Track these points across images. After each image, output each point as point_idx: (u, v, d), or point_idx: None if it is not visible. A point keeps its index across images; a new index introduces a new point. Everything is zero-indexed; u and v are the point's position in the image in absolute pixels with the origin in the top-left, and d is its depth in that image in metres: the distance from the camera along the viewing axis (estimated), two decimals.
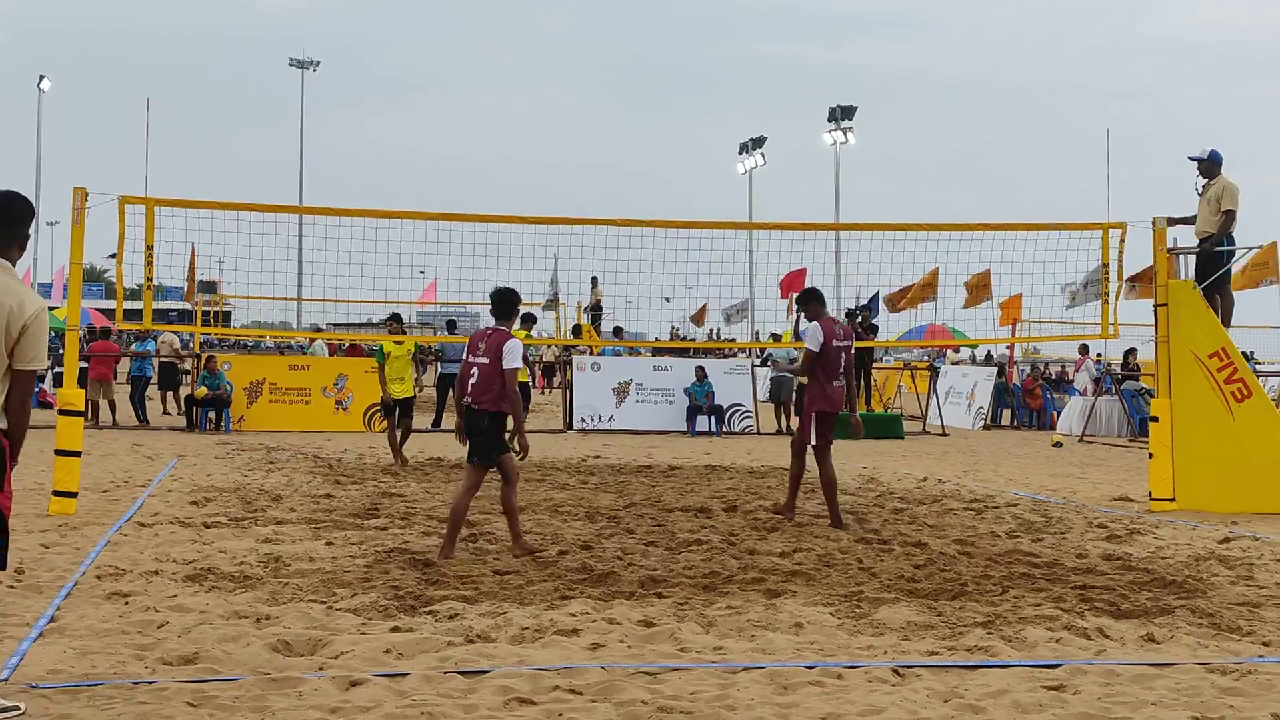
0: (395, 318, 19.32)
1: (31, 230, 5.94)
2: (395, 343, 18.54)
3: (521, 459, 10.57)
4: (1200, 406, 14.10)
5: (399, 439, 18.45)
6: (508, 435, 10.40)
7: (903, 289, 29.19)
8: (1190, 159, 15.04)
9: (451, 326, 31.20)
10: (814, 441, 12.55)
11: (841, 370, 12.47)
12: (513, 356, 10.18)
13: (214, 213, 15.59)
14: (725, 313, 37.39)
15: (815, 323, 12.53)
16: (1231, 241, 14.91)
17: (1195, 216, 14.97)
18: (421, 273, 19.88)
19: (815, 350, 12.37)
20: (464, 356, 10.56)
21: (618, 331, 34.71)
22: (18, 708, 5.41)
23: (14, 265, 5.82)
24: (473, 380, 10.25)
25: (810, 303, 12.77)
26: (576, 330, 31.28)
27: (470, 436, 10.38)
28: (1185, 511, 13.76)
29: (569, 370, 28.36)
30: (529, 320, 23.52)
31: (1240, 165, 15.59)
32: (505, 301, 10.62)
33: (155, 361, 29.92)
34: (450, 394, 27.96)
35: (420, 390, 27.22)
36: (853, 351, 12.63)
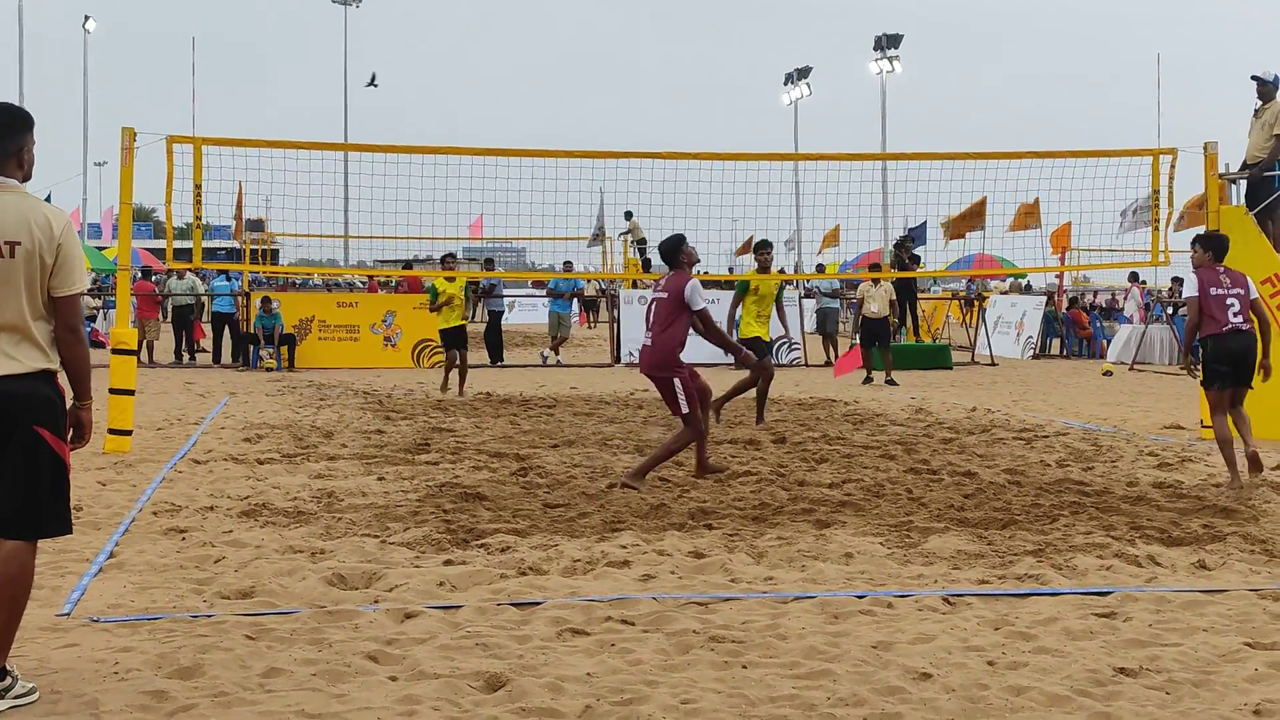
0: (449, 257, 20.72)
1: (32, 142, 5.16)
2: (447, 279, 19.36)
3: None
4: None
5: (450, 372, 19.25)
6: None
7: (958, 216, 28.59)
8: (1253, 78, 14.80)
9: (490, 264, 31.26)
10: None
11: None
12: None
13: (260, 151, 15.69)
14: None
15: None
16: None
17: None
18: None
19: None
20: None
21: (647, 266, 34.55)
22: (33, 691, 5.09)
23: (20, 182, 5.12)
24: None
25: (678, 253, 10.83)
26: (645, 265, 31.25)
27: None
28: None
29: (615, 305, 28.35)
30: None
31: None
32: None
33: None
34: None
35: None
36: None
